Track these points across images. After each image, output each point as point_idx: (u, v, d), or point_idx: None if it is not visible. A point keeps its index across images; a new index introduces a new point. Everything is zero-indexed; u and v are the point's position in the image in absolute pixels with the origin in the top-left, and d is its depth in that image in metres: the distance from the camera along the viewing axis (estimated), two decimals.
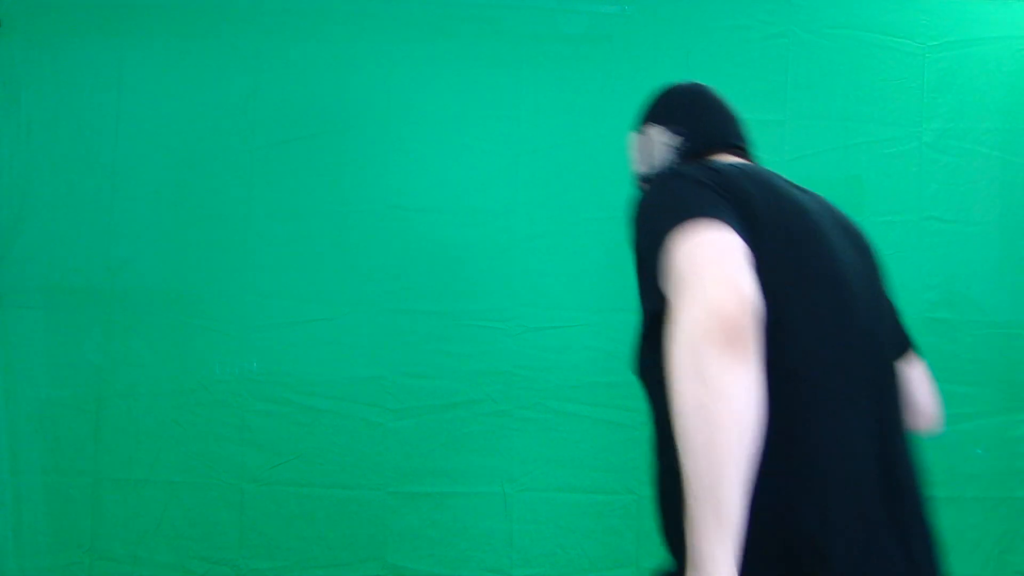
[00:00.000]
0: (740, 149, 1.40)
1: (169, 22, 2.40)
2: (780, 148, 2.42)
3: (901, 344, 1.34)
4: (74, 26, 2.40)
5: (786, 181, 1.24)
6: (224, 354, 2.39)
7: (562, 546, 2.39)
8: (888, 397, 1.15)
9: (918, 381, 1.36)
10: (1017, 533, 2.43)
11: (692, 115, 1.39)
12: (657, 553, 2.54)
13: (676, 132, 1.36)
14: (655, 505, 1.17)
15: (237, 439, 2.39)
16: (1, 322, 2.39)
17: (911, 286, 2.41)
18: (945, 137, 2.42)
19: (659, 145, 1.37)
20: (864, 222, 2.42)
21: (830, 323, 1.09)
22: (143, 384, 2.39)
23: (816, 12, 2.41)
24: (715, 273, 0.92)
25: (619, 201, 2.40)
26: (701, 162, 1.22)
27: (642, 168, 1.40)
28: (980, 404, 2.42)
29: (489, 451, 2.38)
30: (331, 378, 2.39)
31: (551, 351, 2.40)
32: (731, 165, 1.18)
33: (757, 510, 0.90)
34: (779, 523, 0.98)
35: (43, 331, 2.40)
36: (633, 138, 1.47)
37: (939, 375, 2.42)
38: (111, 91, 2.40)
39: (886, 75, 2.42)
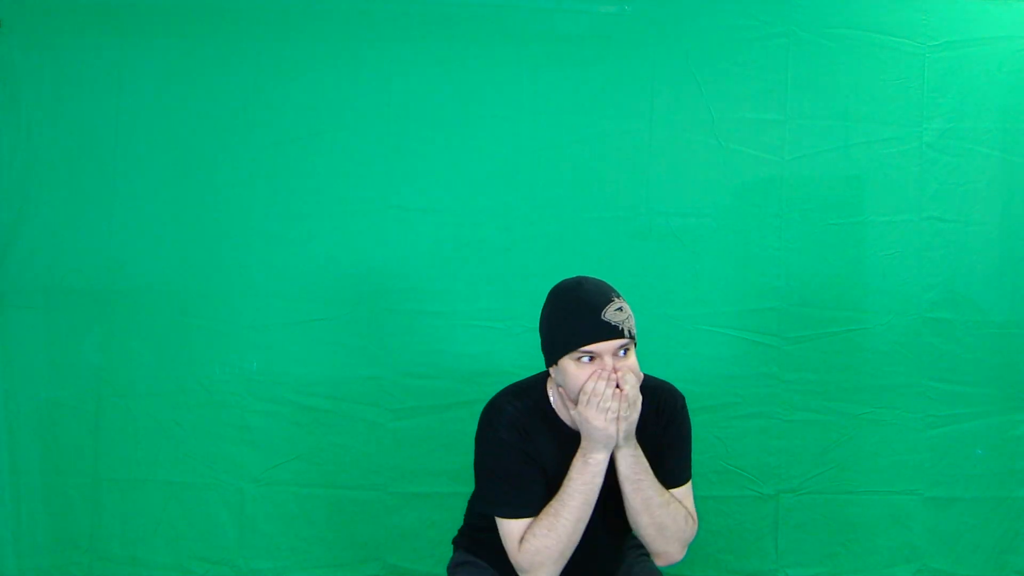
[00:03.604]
0: None
1: (169, 22, 2.40)
2: (780, 148, 2.42)
3: None
4: (74, 26, 2.40)
5: None
6: (224, 354, 2.39)
7: None
8: None
9: None
10: (1017, 533, 2.44)
11: None
12: None
13: None
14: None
15: (237, 439, 2.39)
16: (1, 322, 2.39)
17: (911, 286, 2.42)
18: (945, 137, 2.43)
19: None
20: (864, 222, 2.46)
21: None
22: (143, 384, 2.39)
23: (816, 12, 2.42)
24: None
25: (619, 201, 2.42)
26: None
27: (635, 336, 1.63)
28: (980, 404, 2.43)
29: None
30: (331, 378, 2.39)
31: None
32: None
33: None
34: None
35: (43, 331, 2.40)
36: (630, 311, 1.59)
37: (939, 375, 2.45)
38: (111, 91, 2.39)
39: (886, 75, 2.43)
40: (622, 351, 1.53)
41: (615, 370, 1.50)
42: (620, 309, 1.53)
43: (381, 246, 2.39)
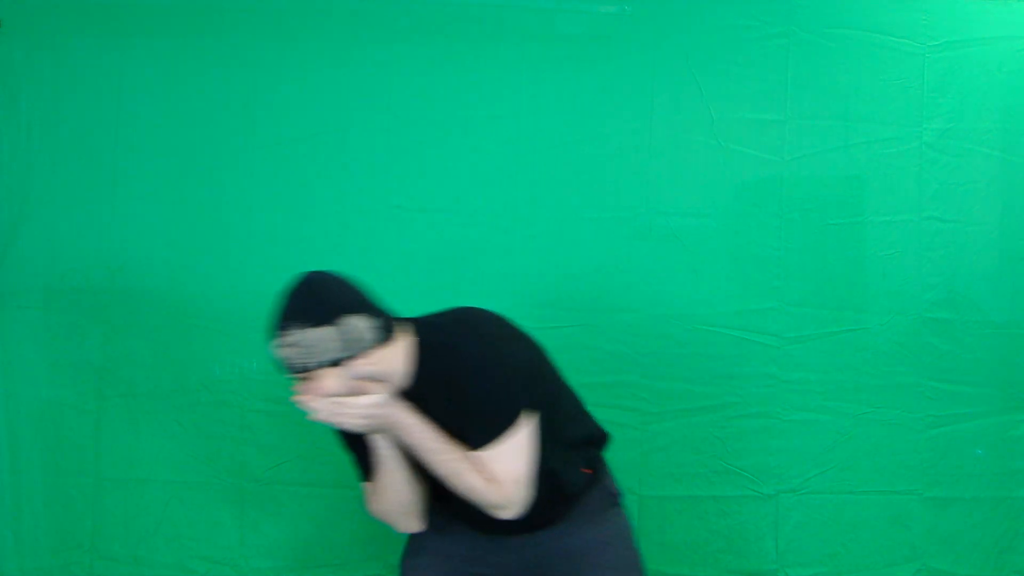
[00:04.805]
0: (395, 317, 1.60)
1: (169, 22, 2.40)
2: (780, 148, 2.42)
3: None
4: (74, 26, 2.40)
5: None
6: (224, 354, 2.39)
7: None
8: None
9: None
10: (1017, 533, 2.44)
11: (368, 295, 1.58)
12: (657, 553, 2.54)
13: (372, 315, 1.53)
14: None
15: (237, 439, 2.39)
16: (1, 322, 2.39)
17: (911, 286, 2.42)
18: (945, 137, 2.42)
19: (366, 331, 1.50)
20: (864, 222, 2.46)
21: None
22: (143, 384, 2.39)
23: (816, 12, 2.41)
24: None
25: (619, 201, 2.42)
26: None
27: (340, 354, 1.47)
28: (980, 404, 2.42)
29: None
30: None
31: (551, 351, 2.39)
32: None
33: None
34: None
35: (43, 331, 2.40)
36: (323, 333, 1.46)
37: (939, 375, 2.45)
38: (111, 91, 2.39)
39: (886, 75, 2.42)
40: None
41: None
42: (292, 344, 1.46)
43: (381, 246, 2.39)
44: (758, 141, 2.42)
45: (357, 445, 1.64)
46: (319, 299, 1.51)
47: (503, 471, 1.52)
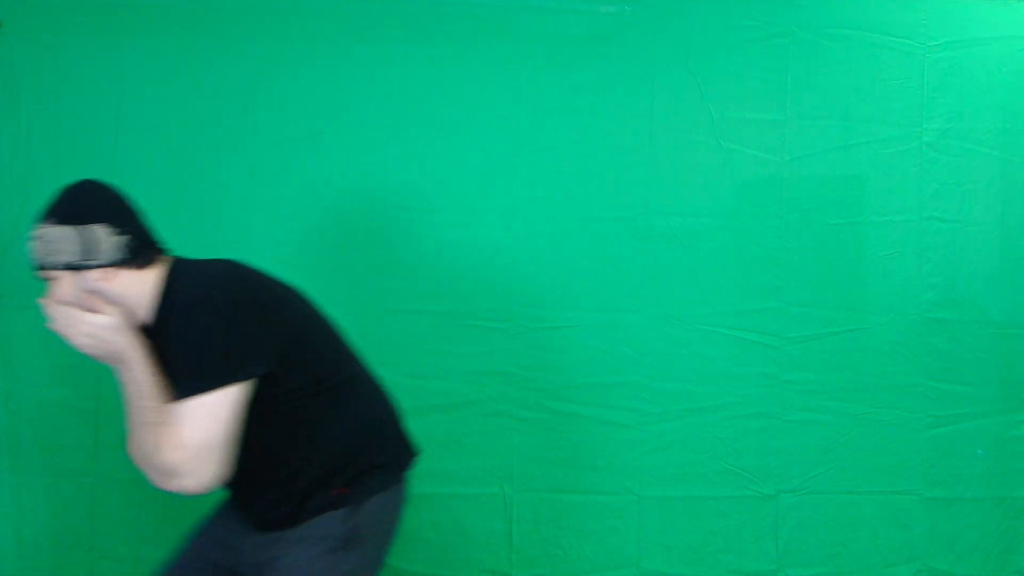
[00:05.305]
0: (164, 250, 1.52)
1: (169, 22, 2.40)
2: (780, 148, 2.42)
3: None
4: (74, 26, 2.40)
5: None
6: None
7: (562, 546, 2.39)
8: None
9: None
10: (1017, 533, 2.44)
11: (131, 216, 1.50)
12: (657, 553, 2.55)
13: (123, 232, 1.46)
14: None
15: None
16: (1, 322, 2.39)
17: (911, 286, 2.42)
18: (945, 137, 2.43)
19: (107, 243, 1.44)
20: (864, 222, 2.46)
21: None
22: None
23: (816, 12, 2.42)
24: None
25: (619, 201, 2.42)
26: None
27: (75, 258, 1.43)
28: (980, 404, 2.43)
29: (489, 452, 2.38)
30: None
31: (551, 351, 2.40)
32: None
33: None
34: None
35: (43, 331, 2.38)
36: (63, 232, 1.43)
37: (939, 375, 2.45)
38: (111, 91, 2.39)
39: (886, 75, 2.43)
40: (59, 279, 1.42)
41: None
42: (37, 239, 1.43)
43: (382, 246, 2.39)
44: (758, 141, 2.42)
45: None
46: (75, 200, 1.46)
47: (184, 433, 1.37)
